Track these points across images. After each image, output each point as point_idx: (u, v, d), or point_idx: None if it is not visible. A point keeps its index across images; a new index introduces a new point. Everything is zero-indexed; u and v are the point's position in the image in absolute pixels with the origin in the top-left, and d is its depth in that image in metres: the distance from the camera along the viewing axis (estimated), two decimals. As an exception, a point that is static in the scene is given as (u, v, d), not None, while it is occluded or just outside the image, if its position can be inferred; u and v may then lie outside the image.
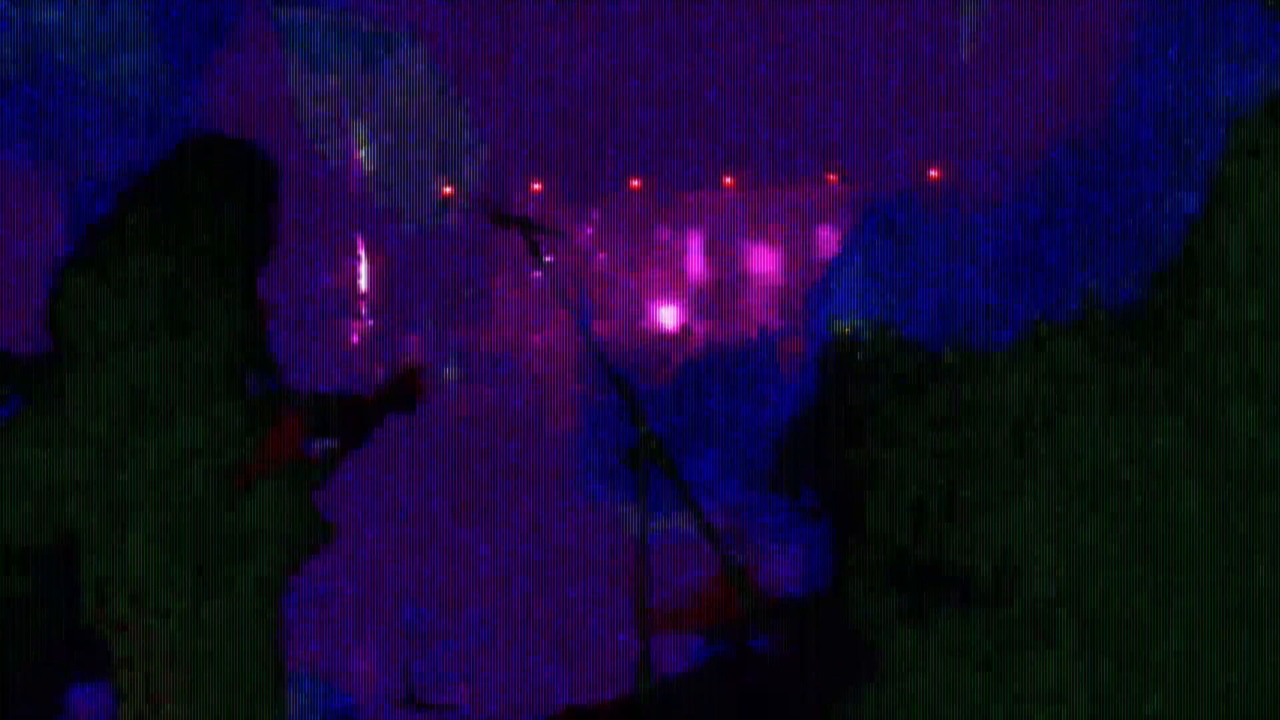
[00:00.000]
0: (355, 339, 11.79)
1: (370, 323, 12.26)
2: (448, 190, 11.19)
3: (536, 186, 11.16)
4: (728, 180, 11.46)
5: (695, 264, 11.80)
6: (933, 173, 10.83)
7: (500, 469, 7.40)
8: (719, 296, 11.35)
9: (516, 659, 5.88)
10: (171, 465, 2.99)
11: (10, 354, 3.15)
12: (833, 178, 11.30)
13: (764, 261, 11.67)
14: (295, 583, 3.37)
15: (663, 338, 11.05)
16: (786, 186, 11.44)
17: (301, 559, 3.22)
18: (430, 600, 6.43)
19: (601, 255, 11.49)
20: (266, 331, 3.20)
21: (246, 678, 3.11)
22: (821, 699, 3.31)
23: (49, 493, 3.00)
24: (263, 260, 3.22)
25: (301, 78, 9.47)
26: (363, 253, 12.62)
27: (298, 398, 3.23)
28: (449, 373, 8.19)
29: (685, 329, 11.21)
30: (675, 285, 11.61)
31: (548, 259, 3.42)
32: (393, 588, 6.45)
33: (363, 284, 12.49)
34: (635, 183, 11.32)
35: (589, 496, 6.96)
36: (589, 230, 11.40)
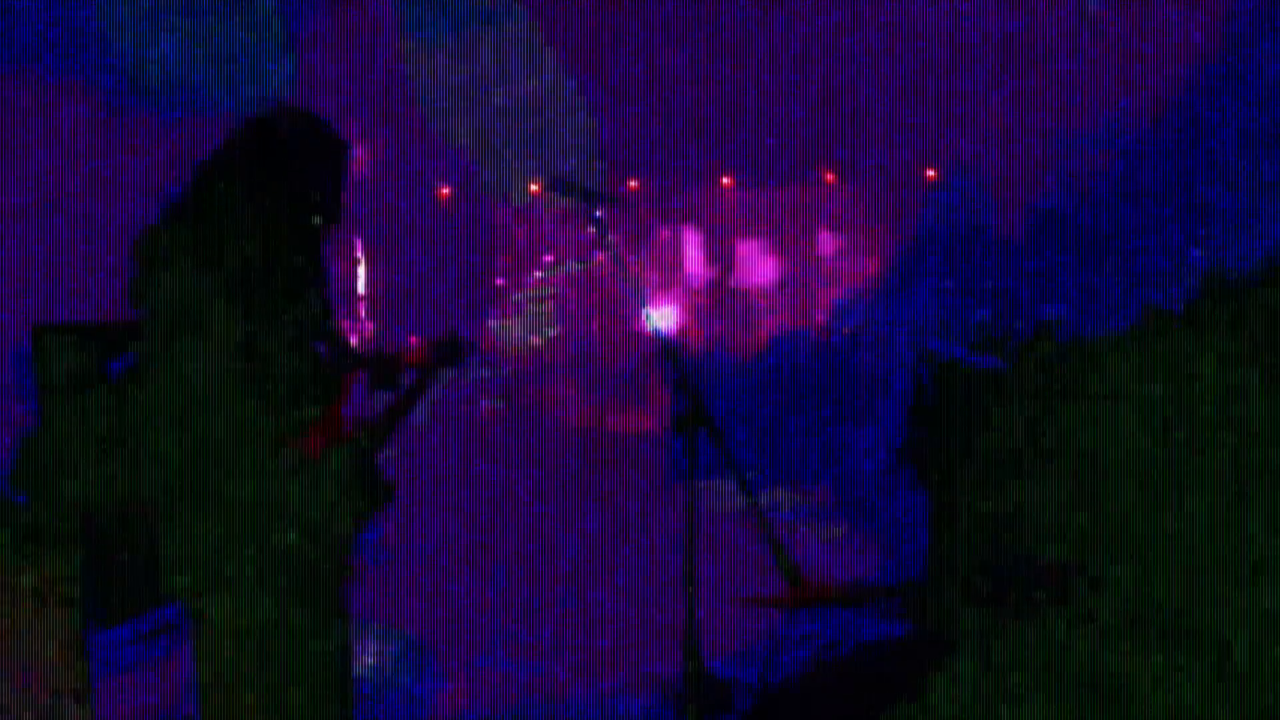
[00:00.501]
0: (354, 340, 11.76)
1: (370, 325, 12.25)
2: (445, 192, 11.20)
3: (534, 189, 11.17)
4: (726, 180, 11.48)
5: (694, 262, 11.81)
6: (929, 172, 10.87)
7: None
8: (720, 295, 11.36)
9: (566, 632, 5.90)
10: (242, 436, 3.04)
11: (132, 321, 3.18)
12: (831, 176, 11.33)
13: (764, 259, 11.69)
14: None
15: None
16: (784, 186, 11.46)
17: (366, 520, 3.25)
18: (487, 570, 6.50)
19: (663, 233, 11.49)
20: (327, 299, 3.23)
21: (313, 649, 3.17)
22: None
23: (132, 456, 3.07)
24: (328, 234, 3.24)
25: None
26: (361, 254, 12.62)
27: (361, 360, 3.27)
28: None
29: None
30: (675, 282, 11.62)
31: (608, 235, 3.45)
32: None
33: (361, 286, 12.49)
34: (633, 183, 11.32)
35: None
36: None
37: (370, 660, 5.29)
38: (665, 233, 11.67)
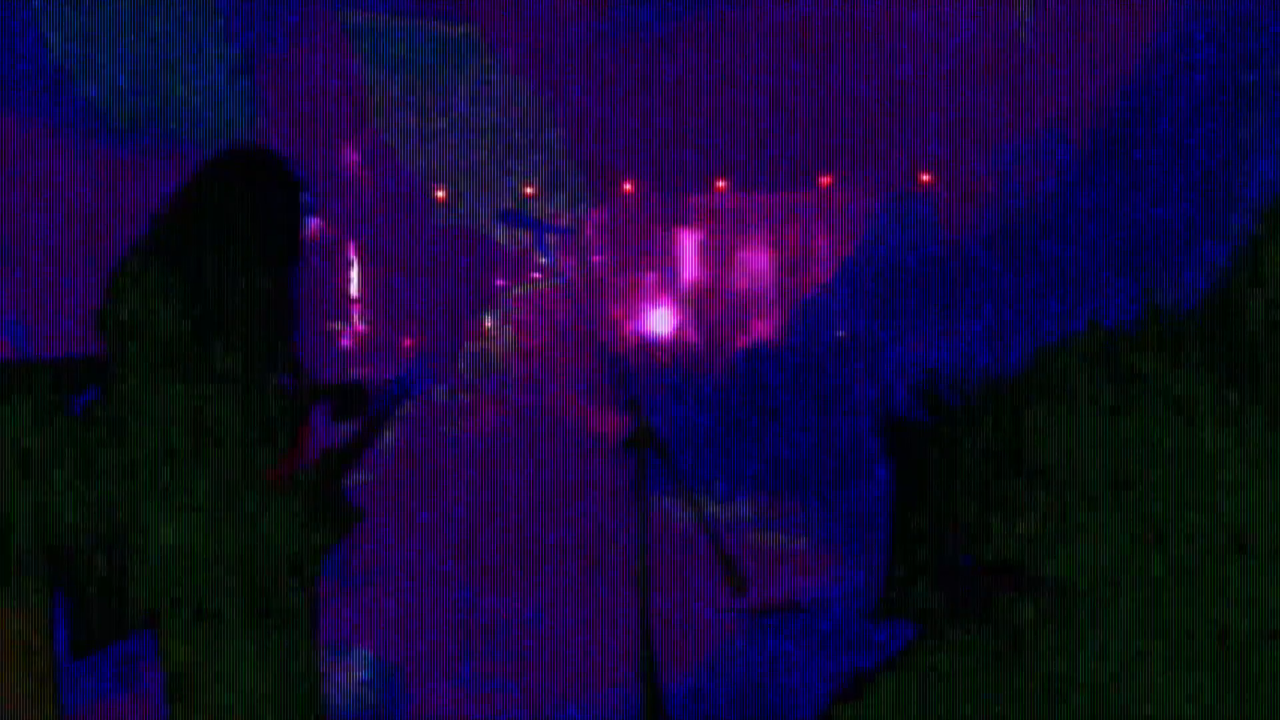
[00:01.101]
0: (346, 343, 11.80)
1: (361, 328, 12.26)
2: (440, 195, 11.19)
3: (530, 190, 11.16)
4: (720, 184, 11.47)
5: (689, 266, 11.80)
6: (924, 177, 10.85)
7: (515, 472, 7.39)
8: (713, 299, 11.36)
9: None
10: (205, 464, 3.09)
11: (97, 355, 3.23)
12: (826, 180, 11.31)
13: (757, 263, 11.68)
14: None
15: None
16: (780, 190, 11.44)
17: (331, 546, 3.30)
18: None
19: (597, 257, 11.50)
20: (291, 333, 3.29)
21: (282, 670, 3.22)
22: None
23: (102, 485, 3.13)
24: (289, 264, 3.30)
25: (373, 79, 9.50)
26: (354, 257, 12.63)
27: (323, 390, 3.33)
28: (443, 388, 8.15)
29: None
30: (670, 287, 11.61)
31: (550, 258, 3.48)
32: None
33: (354, 289, 12.50)
34: (628, 186, 11.32)
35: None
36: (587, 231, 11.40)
37: (343, 682, 5.29)
38: (660, 236, 11.68)
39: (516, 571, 6.73)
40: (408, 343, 10.24)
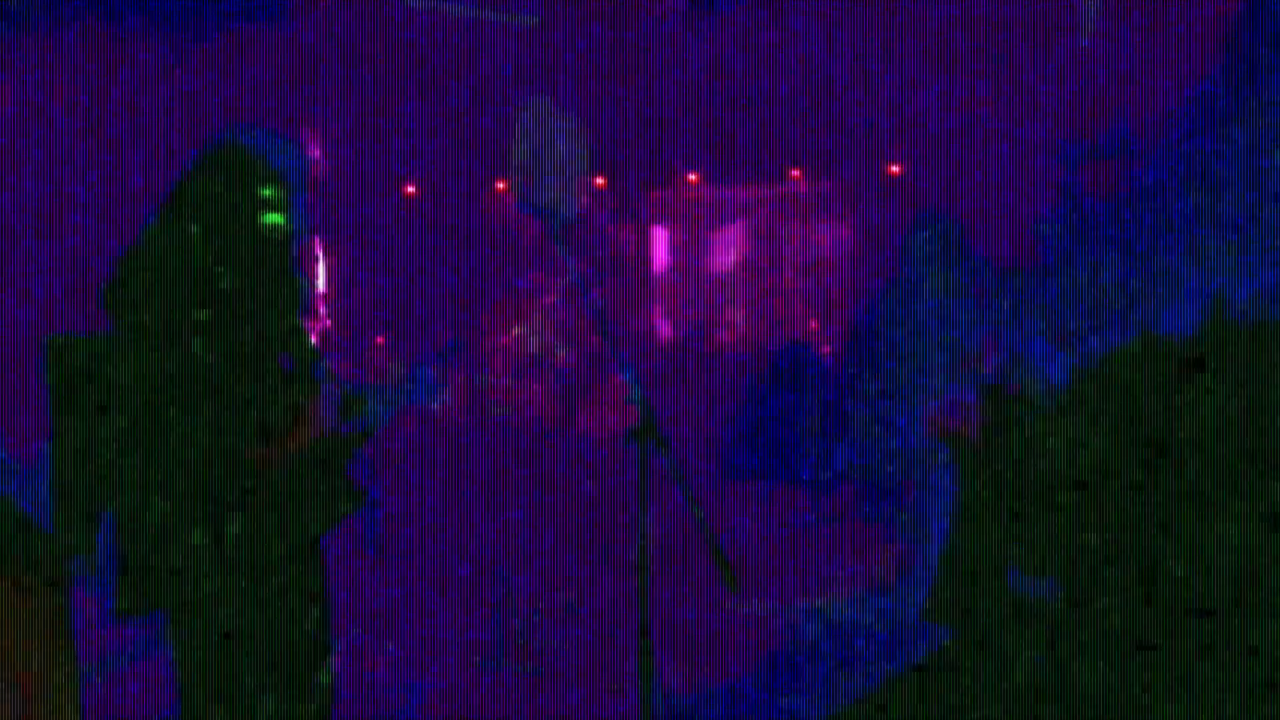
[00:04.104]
0: (314, 339, 11.61)
1: (328, 323, 12.15)
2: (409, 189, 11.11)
3: (500, 185, 11.10)
4: (691, 177, 11.43)
5: (660, 260, 11.76)
6: (893, 168, 10.83)
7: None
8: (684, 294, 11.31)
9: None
10: (211, 442, 3.15)
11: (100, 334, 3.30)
12: (796, 173, 11.29)
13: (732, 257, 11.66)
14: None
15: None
16: (751, 183, 11.42)
17: (331, 524, 3.36)
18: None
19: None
20: (294, 313, 3.38)
21: (285, 650, 3.28)
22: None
23: (101, 464, 3.20)
24: (297, 247, 3.37)
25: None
26: (320, 252, 12.50)
27: (320, 388, 3.35)
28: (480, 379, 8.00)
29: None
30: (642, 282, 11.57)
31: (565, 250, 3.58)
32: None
33: (321, 284, 12.38)
34: (600, 180, 11.27)
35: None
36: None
37: (349, 664, 5.29)
38: (631, 229, 11.64)
39: (519, 565, 6.70)
40: (379, 340, 10.13)
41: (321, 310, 12.44)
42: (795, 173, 11.33)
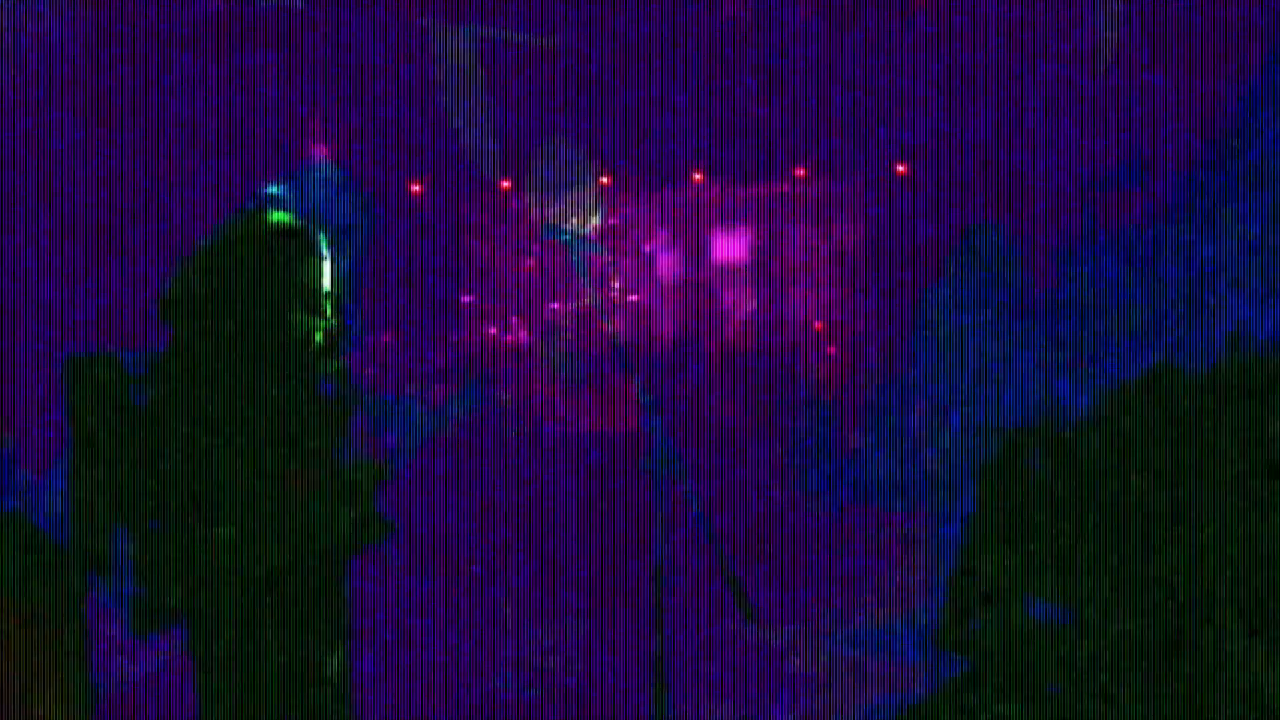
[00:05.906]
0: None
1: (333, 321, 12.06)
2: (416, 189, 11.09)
3: (505, 184, 11.08)
4: (696, 176, 11.41)
5: (666, 261, 11.74)
6: (899, 168, 10.80)
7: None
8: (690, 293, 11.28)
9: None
10: (246, 461, 3.19)
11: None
12: (801, 172, 11.26)
13: (736, 255, 11.63)
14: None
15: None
16: (755, 182, 11.40)
17: (355, 552, 3.39)
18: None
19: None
20: (340, 344, 3.44)
21: (312, 666, 3.30)
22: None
23: (119, 482, 3.24)
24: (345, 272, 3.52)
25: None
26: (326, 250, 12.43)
27: (359, 400, 3.37)
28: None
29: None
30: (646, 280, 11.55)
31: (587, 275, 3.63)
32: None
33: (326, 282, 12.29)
34: (605, 179, 11.24)
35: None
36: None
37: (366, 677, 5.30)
38: (634, 230, 11.61)
39: (534, 577, 6.70)
40: (385, 339, 10.11)
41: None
42: (800, 171, 11.31)
